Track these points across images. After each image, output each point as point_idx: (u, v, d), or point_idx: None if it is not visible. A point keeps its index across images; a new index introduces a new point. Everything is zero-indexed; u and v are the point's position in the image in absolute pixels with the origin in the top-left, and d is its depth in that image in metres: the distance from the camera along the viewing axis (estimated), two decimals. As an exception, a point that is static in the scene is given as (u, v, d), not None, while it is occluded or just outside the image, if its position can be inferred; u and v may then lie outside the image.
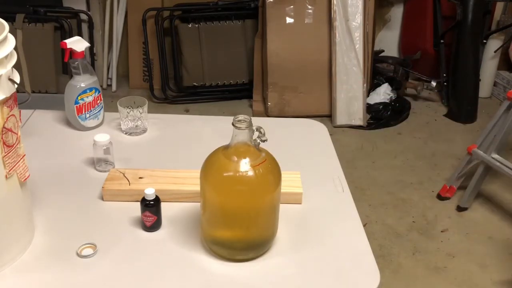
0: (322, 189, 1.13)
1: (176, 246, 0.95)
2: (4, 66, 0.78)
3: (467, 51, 3.25)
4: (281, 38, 3.19)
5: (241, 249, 0.92)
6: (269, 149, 0.89)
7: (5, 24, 0.82)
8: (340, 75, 3.15)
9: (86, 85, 1.28)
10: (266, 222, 0.92)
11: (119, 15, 3.48)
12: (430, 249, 2.10)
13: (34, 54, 3.17)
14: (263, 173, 0.86)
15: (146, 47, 3.41)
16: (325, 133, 1.37)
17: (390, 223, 2.26)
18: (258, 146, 0.86)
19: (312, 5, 3.18)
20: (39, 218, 0.99)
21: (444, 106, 3.41)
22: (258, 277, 0.89)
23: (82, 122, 1.30)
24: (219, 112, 3.26)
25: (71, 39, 1.26)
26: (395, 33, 3.80)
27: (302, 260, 0.93)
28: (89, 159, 1.18)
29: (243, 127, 0.83)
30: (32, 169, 0.91)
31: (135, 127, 1.31)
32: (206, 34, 3.37)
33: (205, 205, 0.91)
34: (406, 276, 1.96)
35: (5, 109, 0.79)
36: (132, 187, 1.06)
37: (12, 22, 3.12)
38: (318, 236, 0.99)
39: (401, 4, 3.72)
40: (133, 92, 3.39)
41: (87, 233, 0.97)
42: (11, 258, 0.89)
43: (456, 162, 2.63)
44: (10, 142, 0.82)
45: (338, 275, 0.90)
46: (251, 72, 3.41)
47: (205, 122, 1.43)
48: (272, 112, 3.23)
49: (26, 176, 0.89)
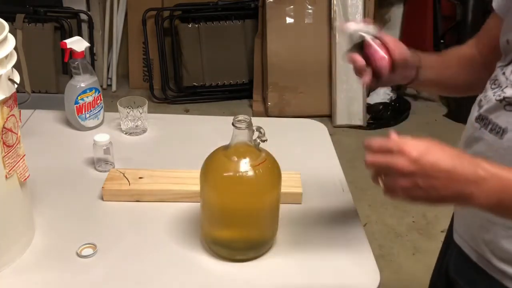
0: (322, 189, 1.12)
1: (176, 246, 0.95)
2: (4, 66, 0.78)
3: (467, 51, 3.25)
4: (281, 38, 3.19)
5: (241, 249, 0.92)
6: (269, 149, 0.89)
7: (5, 24, 0.82)
8: (340, 75, 3.15)
9: (86, 85, 1.28)
10: (266, 222, 0.92)
11: (119, 15, 3.48)
12: (430, 249, 2.10)
13: (34, 54, 3.18)
14: (263, 173, 0.86)
15: (146, 47, 3.41)
16: (325, 133, 1.37)
17: (390, 223, 2.26)
18: (258, 146, 0.86)
19: (312, 5, 3.18)
20: (39, 218, 0.99)
21: (444, 106, 3.41)
22: (258, 277, 0.89)
23: (82, 122, 1.30)
24: (219, 112, 3.26)
25: (71, 39, 1.26)
26: (395, 33, 3.80)
27: (302, 260, 0.93)
28: (89, 159, 1.18)
29: (243, 127, 0.83)
30: (32, 169, 0.91)
31: (135, 127, 1.31)
32: (206, 34, 3.37)
33: (205, 205, 0.91)
34: (406, 276, 1.96)
35: (5, 109, 0.79)
36: (132, 187, 1.05)
37: (12, 22, 3.12)
38: (318, 236, 0.99)
39: (401, 4, 3.72)
40: (133, 92, 3.39)
41: (87, 233, 0.97)
42: (11, 258, 0.89)
43: (456, 162, 2.63)
44: (10, 142, 0.82)
45: (338, 275, 0.90)
46: (251, 72, 3.41)
47: (205, 122, 1.43)
48: (272, 112, 3.24)
49: (26, 176, 0.89)
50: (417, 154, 0.67)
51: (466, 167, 0.67)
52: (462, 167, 0.67)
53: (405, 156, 0.67)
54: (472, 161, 0.68)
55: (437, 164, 0.66)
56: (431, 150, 0.68)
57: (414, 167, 0.66)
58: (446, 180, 0.66)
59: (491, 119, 0.79)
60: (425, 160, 0.66)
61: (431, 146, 0.68)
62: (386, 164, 0.69)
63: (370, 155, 0.71)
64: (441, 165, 0.66)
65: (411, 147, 0.67)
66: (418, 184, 0.67)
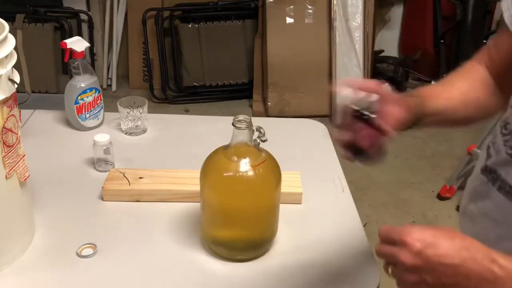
0: (322, 189, 1.12)
1: (176, 246, 0.95)
2: (4, 66, 0.78)
3: (467, 51, 3.25)
4: (281, 38, 3.19)
5: (241, 249, 0.92)
6: (269, 149, 0.89)
7: (5, 24, 0.82)
8: (340, 75, 3.15)
9: (86, 85, 1.28)
10: (266, 222, 0.92)
11: (119, 15, 3.48)
12: (430, 249, 2.09)
13: (34, 54, 3.17)
14: (263, 173, 0.86)
15: (146, 47, 3.41)
16: (325, 133, 1.37)
17: (390, 223, 2.25)
18: (258, 146, 0.86)
19: (312, 5, 3.18)
20: (39, 218, 0.99)
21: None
22: (258, 277, 0.89)
23: (82, 122, 1.30)
24: (219, 112, 3.26)
25: (71, 39, 1.26)
26: (395, 33, 3.80)
27: (302, 260, 0.93)
28: (89, 159, 1.18)
29: (243, 127, 0.83)
30: (32, 169, 0.91)
31: (135, 127, 1.31)
32: (206, 34, 3.37)
33: (205, 205, 0.91)
34: (406, 276, 1.96)
35: (5, 109, 0.79)
36: (132, 187, 1.05)
37: (12, 22, 3.12)
38: (318, 236, 0.99)
39: (401, 4, 3.72)
40: (133, 92, 3.39)
41: (87, 233, 0.97)
42: (11, 258, 0.89)
43: (456, 162, 2.63)
44: (10, 142, 0.82)
45: (338, 275, 0.90)
46: (251, 72, 3.41)
47: (205, 122, 1.43)
48: (272, 112, 3.23)
49: (26, 176, 0.89)
50: (421, 246, 0.60)
51: (479, 262, 0.59)
52: (474, 262, 0.59)
53: (407, 248, 0.61)
54: (486, 255, 0.59)
55: (444, 258, 0.59)
56: (437, 241, 0.60)
57: (419, 262, 0.60)
58: (454, 276, 0.59)
59: (500, 174, 0.70)
60: (430, 254, 0.59)
61: (438, 236, 0.61)
62: (391, 255, 0.63)
63: (379, 244, 0.66)
64: (448, 259, 0.59)
65: (415, 239, 0.61)
66: (425, 280, 0.60)
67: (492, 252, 0.59)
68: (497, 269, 0.58)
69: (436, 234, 0.61)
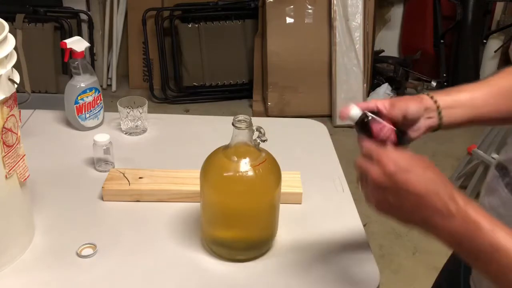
0: (322, 189, 1.12)
1: (176, 246, 0.95)
2: (4, 66, 0.78)
3: (467, 51, 3.26)
4: (281, 38, 3.19)
5: (241, 249, 0.92)
6: (269, 149, 0.89)
7: (5, 24, 0.82)
8: (340, 75, 3.15)
9: (86, 85, 1.28)
10: (266, 222, 0.92)
11: (119, 15, 3.48)
12: (430, 249, 2.09)
13: (34, 54, 3.18)
14: (263, 173, 0.86)
15: (146, 47, 3.41)
16: (325, 133, 1.37)
17: (390, 223, 2.26)
18: (258, 146, 0.86)
19: (312, 5, 3.18)
20: (39, 218, 0.99)
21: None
22: (258, 277, 0.89)
23: (82, 122, 1.30)
24: (219, 112, 3.26)
25: (71, 39, 1.26)
26: (395, 33, 3.80)
27: (302, 260, 0.93)
28: (89, 159, 1.18)
29: (243, 127, 0.83)
30: (32, 169, 0.91)
31: (135, 127, 1.31)
32: (206, 34, 3.37)
33: (205, 205, 0.91)
34: (406, 276, 1.96)
35: (5, 109, 0.79)
36: (132, 187, 1.05)
37: (12, 22, 3.12)
38: (318, 236, 0.99)
39: (401, 4, 3.72)
40: (133, 92, 3.39)
41: (87, 233, 0.97)
42: (11, 258, 0.89)
43: (456, 162, 2.63)
44: (10, 142, 0.82)
45: (338, 275, 0.90)
46: (251, 72, 3.41)
47: (205, 122, 1.43)
48: (272, 112, 3.24)
49: (26, 176, 0.89)
50: (394, 169, 0.63)
51: (440, 196, 0.61)
52: (435, 195, 0.61)
53: (380, 167, 0.64)
54: (448, 192, 0.61)
55: (411, 185, 0.62)
56: (411, 169, 0.63)
57: (387, 182, 0.63)
58: (415, 205, 0.62)
59: (510, 171, 0.71)
60: (399, 178, 0.62)
61: (414, 163, 0.64)
62: (365, 170, 0.66)
63: (359, 157, 0.69)
64: (414, 188, 0.62)
65: (391, 160, 0.63)
66: (388, 199, 0.64)
67: (455, 191, 0.62)
68: (453, 207, 0.60)
69: (411, 162, 0.64)
